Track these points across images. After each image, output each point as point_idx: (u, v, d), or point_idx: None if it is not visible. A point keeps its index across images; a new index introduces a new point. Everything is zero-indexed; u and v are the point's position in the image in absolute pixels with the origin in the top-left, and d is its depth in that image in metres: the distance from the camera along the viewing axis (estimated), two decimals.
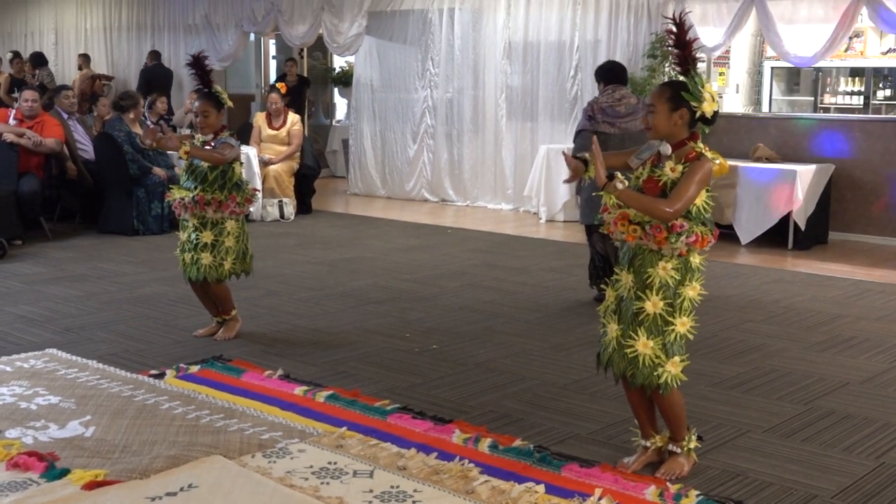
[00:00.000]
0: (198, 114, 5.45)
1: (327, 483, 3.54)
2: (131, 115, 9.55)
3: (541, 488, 3.51)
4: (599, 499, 3.44)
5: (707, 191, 3.58)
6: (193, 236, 5.45)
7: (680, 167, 3.56)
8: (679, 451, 3.74)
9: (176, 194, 5.50)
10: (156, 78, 14.25)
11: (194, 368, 5.00)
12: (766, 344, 5.65)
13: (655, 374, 3.57)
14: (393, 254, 8.54)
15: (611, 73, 6.70)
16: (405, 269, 7.83)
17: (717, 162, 3.62)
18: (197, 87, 5.63)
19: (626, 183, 3.54)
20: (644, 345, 3.57)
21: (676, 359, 3.59)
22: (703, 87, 3.57)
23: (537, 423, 4.29)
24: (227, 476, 3.55)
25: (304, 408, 4.40)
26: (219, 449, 3.82)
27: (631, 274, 3.63)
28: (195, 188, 5.41)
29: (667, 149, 3.61)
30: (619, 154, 3.88)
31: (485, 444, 3.94)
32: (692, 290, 3.59)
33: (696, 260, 3.59)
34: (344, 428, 4.09)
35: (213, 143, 5.42)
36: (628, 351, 3.61)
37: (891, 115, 10.98)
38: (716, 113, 3.61)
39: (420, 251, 8.69)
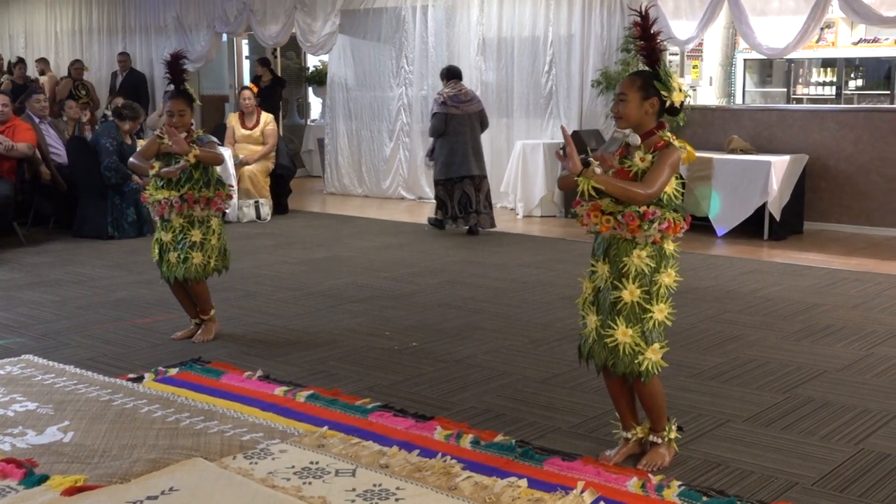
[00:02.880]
0: (173, 113, 5.39)
1: (309, 483, 3.53)
2: (127, 126, 9.45)
3: (523, 483, 3.52)
4: (582, 492, 3.44)
5: (678, 178, 3.62)
6: (181, 236, 5.44)
7: (649, 157, 3.58)
8: (660, 441, 3.76)
9: (157, 196, 5.44)
10: (139, 85, 14.14)
11: (173, 371, 4.97)
12: (744, 334, 5.68)
13: (636, 361, 3.59)
14: (371, 252, 8.52)
15: (452, 73, 9.63)
16: (383, 267, 7.82)
17: (685, 150, 3.65)
18: (168, 88, 5.59)
19: (599, 170, 3.53)
20: (623, 333, 3.59)
21: (656, 346, 3.61)
22: (670, 77, 3.60)
23: (519, 417, 4.29)
24: (208, 478, 3.54)
25: (284, 408, 4.38)
26: (199, 451, 3.80)
27: (606, 264, 3.65)
28: (183, 187, 5.38)
29: (636, 139, 3.63)
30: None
31: (467, 441, 3.94)
32: (668, 277, 3.61)
33: (670, 247, 3.62)
34: (325, 427, 4.08)
35: (189, 142, 5.38)
36: (608, 341, 3.62)
37: (863, 105, 11.06)
38: (682, 103, 3.64)
39: (398, 249, 8.68)
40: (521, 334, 5.72)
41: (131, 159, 5.67)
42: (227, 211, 5.64)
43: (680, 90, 3.61)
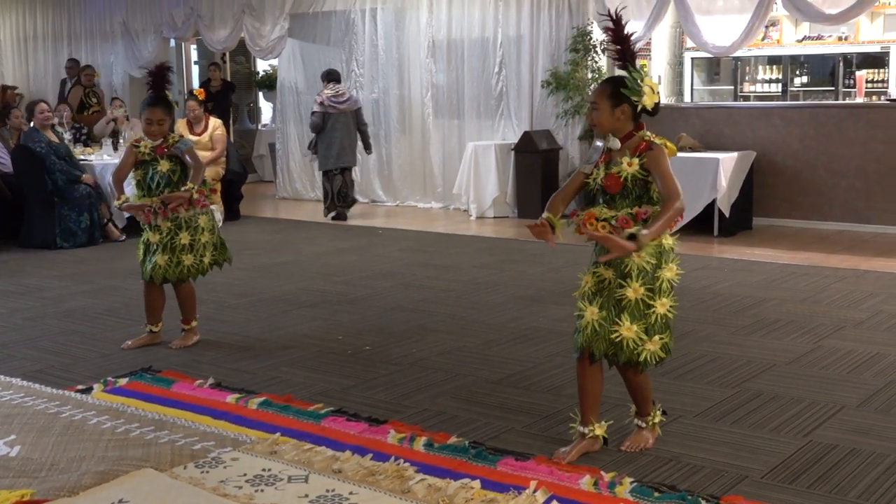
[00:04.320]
0: (152, 122, 5.39)
1: (262, 490, 3.51)
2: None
3: (476, 484, 3.52)
4: (535, 491, 3.45)
5: None
6: (167, 238, 5.45)
7: (636, 160, 3.65)
8: (644, 425, 3.90)
9: (151, 199, 5.45)
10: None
11: (122, 381, 4.91)
12: (695, 330, 5.74)
13: (636, 352, 3.69)
14: (323, 257, 8.49)
15: (331, 75, 10.82)
16: (336, 271, 7.79)
17: (667, 146, 3.73)
18: (149, 95, 5.55)
19: (645, 231, 3.52)
20: (628, 329, 3.67)
21: (656, 338, 3.70)
22: (641, 80, 3.65)
23: (472, 419, 4.30)
24: (158, 489, 3.50)
25: (236, 416, 4.35)
26: (150, 462, 3.75)
27: (610, 269, 3.70)
28: (163, 192, 5.41)
29: (615, 143, 3.71)
30: (570, 182, 3.91)
31: (420, 443, 3.93)
32: (669, 272, 3.70)
33: (668, 241, 3.71)
34: (277, 434, 4.05)
35: (166, 148, 5.41)
36: (613, 336, 3.68)
37: (808, 102, 11.23)
38: (657, 104, 3.70)
39: (351, 253, 8.66)
40: (474, 335, 5.73)
41: (111, 179, 5.70)
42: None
43: (653, 92, 3.66)
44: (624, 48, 3.71)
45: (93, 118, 12.35)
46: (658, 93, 3.71)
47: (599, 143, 3.80)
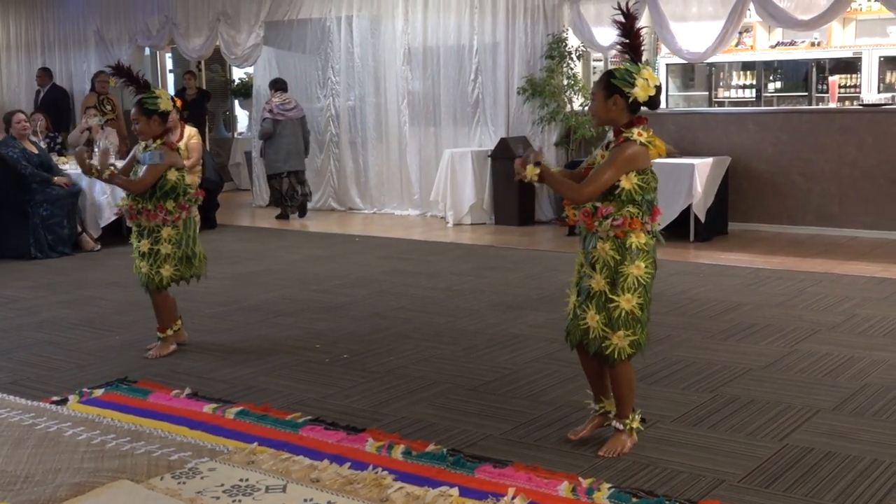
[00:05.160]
0: (137, 120, 5.47)
1: (239, 501, 3.49)
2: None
3: (454, 491, 3.52)
4: (513, 498, 3.46)
5: (642, 173, 3.72)
6: (135, 244, 5.54)
7: (608, 153, 3.74)
8: (622, 427, 3.92)
9: (123, 203, 5.60)
10: (60, 100, 13.79)
11: (98, 392, 4.88)
12: (672, 335, 5.77)
13: (603, 345, 3.78)
14: (300, 265, 8.47)
15: (279, 85, 11.41)
16: (313, 279, 7.78)
17: (654, 144, 3.77)
18: (135, 98, 5.58)
19: (536, 172, 3.67)
20: (592, 318, 3.78)
21: (621, 333, 3.76)
22: (638, 73, 3.71)
23: (450, 426, 4.30)
24: (134, 500, 3.47)
25: (213, 425, 4.33)
26: (126, 473, 3.73)
27: (583, 254, 3.87)
28: (128, 197, 5.50)
29: (610, 135, 3.84)
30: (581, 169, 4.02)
31: (398, 451, 3.93)
32: (636, 269, 3.74)
33: (637, 240, 3.73)
34: (255, 444, 4.04)
35: (147, 153, 5.45)
36: (581, 323, 3.82)
37: (782, 107, 11.32)
38: (653, 97, 3.74)
39: (328, 261, 8.64)
40: (452, 343, 5.73)
41: None
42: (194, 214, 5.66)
43: (648, 85, 3.70)
44: (632, 43, 3.78)
45: (107, 126, 12.19)
46: (655, 86, 3.74)
47: (610, 134, 3.93)
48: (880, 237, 9.06)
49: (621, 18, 3.79)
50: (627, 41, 3.78)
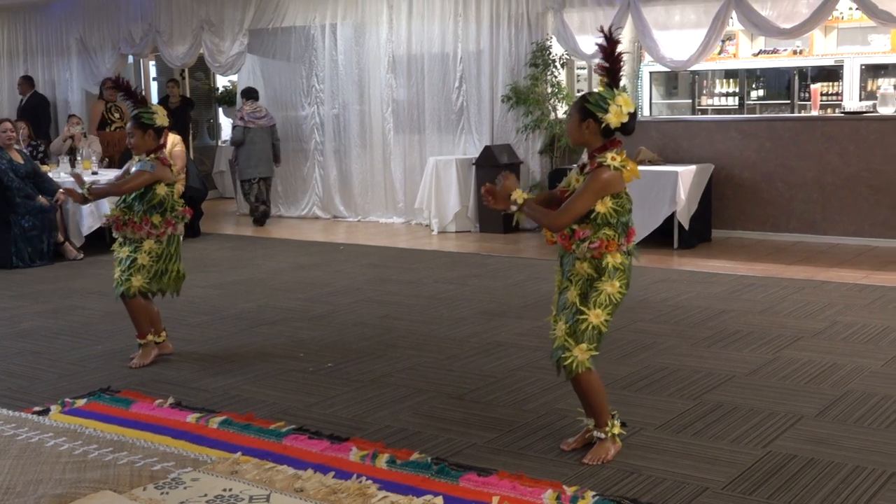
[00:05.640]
0: (132, 134, 5.50)
1: None
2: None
3: (439, 500, 3.52)
4: None
5: (616, 196, 3.76)
6: (116, 252, 5.56)
7: (583, 178, 3.80)
8: (604, 436, 3.93)
9: (110, 213, 5.62)
10: (40, 108, 13.70)
11: (80, 402, 4.85)
12: (656, 342, 5.78)
13: (563, 356, 3.80)
14: (285, 273, 8.46)
15: (250, 93, 11.82)
16: (298, 288, 7.76)
17: (627, 168, 3.79)
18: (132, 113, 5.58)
19: (524, 197, 3.84)
20: (560, 328, 3.82)
21: (584, 346, 3.78)
22: (612, 99, 3.73)
23: (435, 434, 4.30)
24: None
25: (196, 435, 4.32)
26: (108, 484, 3.71)
27: (560, 271, 3.93)
28: (131, 205, 5.50)
29: (584, 157, 3.87)
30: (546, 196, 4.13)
31: (382, 460, 3.93)
32: (611, 287, 3.78)
33: (613, 260, 3.77)
34: (238, 453, 4.02)
35: (137, 165, 5.49)
36: (550, 334, 3.88)
37: (764, 115, 11.38)
38: (626, 124, 3.76)
39: (313, 269, 8.63)
40: (436, 351, 5.73)
41: None
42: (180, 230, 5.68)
43: (621, 112, 3.72)
44: (612, 67, 3.80)
45: (115, 135, 12.12)
46: (630, 113, 3.75)
47: (584, 155, 3.97)
48: (862, 244, 9.11)
49: (603, 42, 3.81)
50: (608, 65, 3.81)
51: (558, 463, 3.93)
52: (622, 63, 3.84)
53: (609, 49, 3.80)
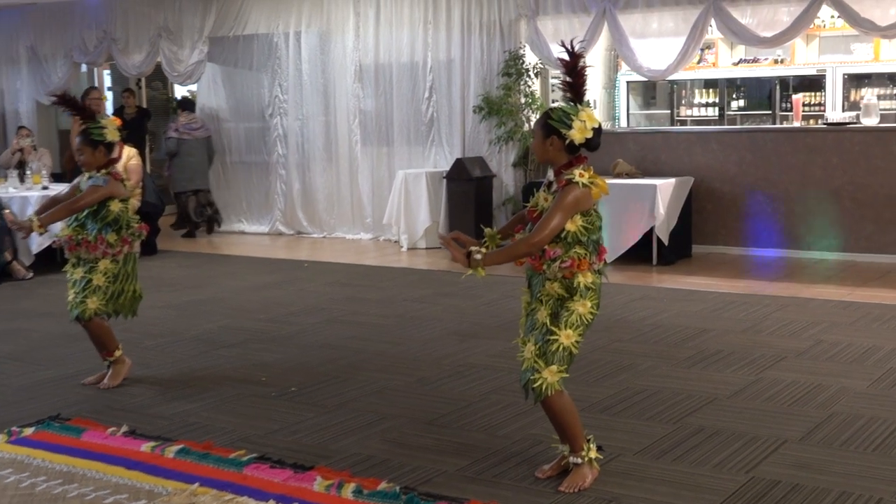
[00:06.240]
0: (81, 151, 5.46)
1: None
2: None
3: None
4: None
5: (586, 214, 3.78)
6: (70, 273, 5.49)
7: (551, 197, 3.81)
8: (580, 461, 3.91)
9: (62, 233, 5.53)
10: None
11: (28, 431, 4.78)
12: (635, 363, 5.79)
13: (532, 378, 3.77)
14: (246, 293, 8.41)
15: (185, 104, 12.48)
16: (260, 308, 7.72)
17: (596, 184, 3.79)
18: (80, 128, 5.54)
19: (483, 251, 3.77)
20: (529, 350, 3.81)
21: (554, 368, 3.76)
22: (576, 115, 3.74)
23: (404, 462, 4.27)
24: None
25: (151, 465, 4.26)
26: None
27: (528, 292, 3.93)
28: (84, 223, 5.44)
29: (550, 175, 3.88)
30: (515, 219, 4.15)
31: (348, 490, 3.89)
32: (582, 307, 3.78)
33: (584, 279, 3.77)
34: (196, 484, 3.98)
35: (89, 182, 5.43)
36: (519, 356, 3.86)
37: (745, 126, 11.48)
38: (591, 139, 3.77)
39: (275, 288, 8.59)
40: (406, 373, 5.71)
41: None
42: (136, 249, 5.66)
43: (585, 128, 3.72)
44: (575, 82, 3.81)
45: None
46: (594, 129, 3.76)
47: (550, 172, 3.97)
48: (847, 259, 9.19)
49: (565, 56, 3.82)
50: (570, 80, 3.81)
51: (533, 491, 3.91)
52: (585, 77, 3.84)
53: (571, 63, 3.81)
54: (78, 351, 6.11)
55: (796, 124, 10.59)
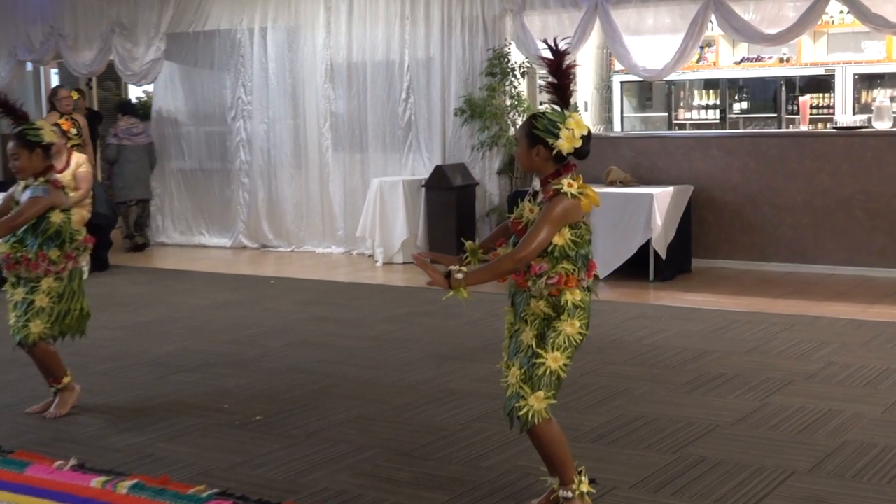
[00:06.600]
0: (10, 157, 5.42)
1: None
2: None
3: None
4: None
5: (574, 227, 3.78)
6: (9, 294, 5.44)
7: (537, 208, 3.80)
8: (570, 494, 3.87)
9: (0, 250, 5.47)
10: None
11: None
12: (631, 388, 5.80)
13: (517, 405, 3.74)
14: (207, 312, 8.39)
15: (127, 107, 12.70)
16: (221, 328, 7.70)
17: (586, 195, 3.79)
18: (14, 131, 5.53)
19: (464, 269, 3.77)
20: (513, 374, 3.78)
21: (541, 394, 3.73)
22: (563, 122, 3.73)
23: (379, 498, 4.26)
24: None
25: (102, 502, 4.24)
26: None
27: (512, 311, 3.92)
28: (22, 238, 5.39)
29: (536, 184, 3.87)
30: (498, 230, 4.19)
31: None
32: (570, 327, 3.77)
33: (572, 297, 3.77)
34: None
35: (29, 189, 5.38)
36: (503, 381, 3.83)
37: (748, 130, 11.55)
38: (579, 149, 3.76)
39: (238, 307, 8.57)
40: (381, 400, 5.70)
41: None
42: (83, 264, 5.62)
43: (573, 136, 3.72)
44: (560, 83, 3.79)
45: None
46: (583, 136, 3.75)
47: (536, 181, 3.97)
48: (858, 274, 9.25)
49: (549, 55, 3.81)
50: (556, 82, 3.80)
51: None
52: (571, 78, 3.83)
53: (556, 62, 3.79)
54: (21, 377, 6.06)
55: (803, 128, 10.66)
